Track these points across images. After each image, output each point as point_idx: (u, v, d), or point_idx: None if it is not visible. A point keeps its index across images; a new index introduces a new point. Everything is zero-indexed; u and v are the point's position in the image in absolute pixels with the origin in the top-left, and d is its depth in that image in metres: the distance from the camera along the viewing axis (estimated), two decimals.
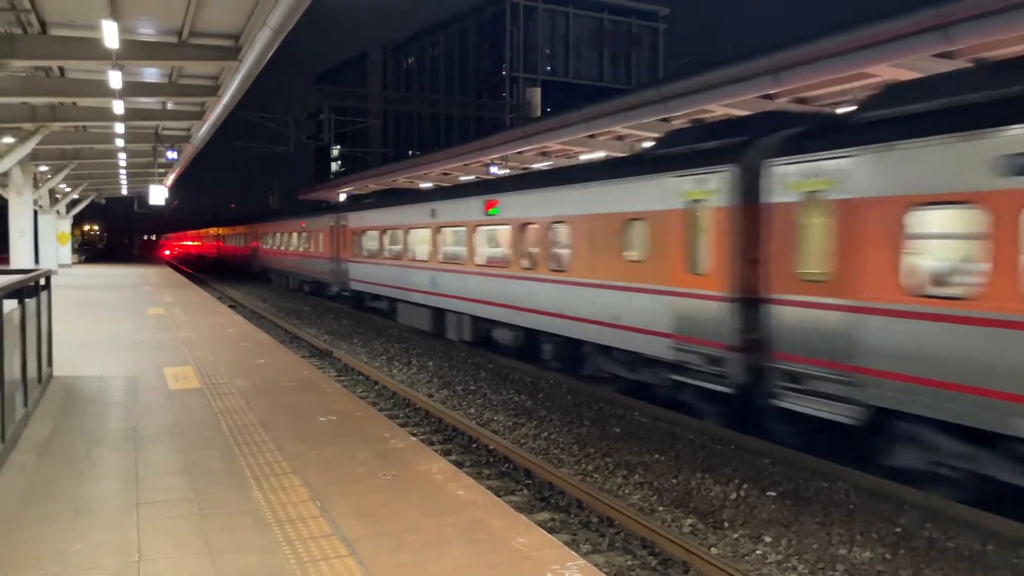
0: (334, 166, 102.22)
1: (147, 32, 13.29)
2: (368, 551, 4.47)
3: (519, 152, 25.88)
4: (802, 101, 16.68)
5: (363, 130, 77.07)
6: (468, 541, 4.65)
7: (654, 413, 11.64)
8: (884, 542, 6.99)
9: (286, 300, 31.66)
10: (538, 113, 44.17)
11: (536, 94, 47.32)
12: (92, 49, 12.45)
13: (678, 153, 10.88)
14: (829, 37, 13.11)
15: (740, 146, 9.77)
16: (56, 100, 18.52)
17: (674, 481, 8.79)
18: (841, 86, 15.51)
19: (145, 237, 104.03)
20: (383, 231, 22.27)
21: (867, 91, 14.34)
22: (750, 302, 9.43)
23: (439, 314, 18.63)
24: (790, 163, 8.77)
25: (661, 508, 8.00)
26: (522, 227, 14.78)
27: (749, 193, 9.39)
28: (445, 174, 35.64)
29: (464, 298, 17.05)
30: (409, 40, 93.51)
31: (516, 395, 13.30)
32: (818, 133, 8.81)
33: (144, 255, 78.22)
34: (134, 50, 12.83)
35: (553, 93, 61.69)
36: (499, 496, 7.09)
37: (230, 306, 26.32)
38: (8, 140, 21.00)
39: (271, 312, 26.65)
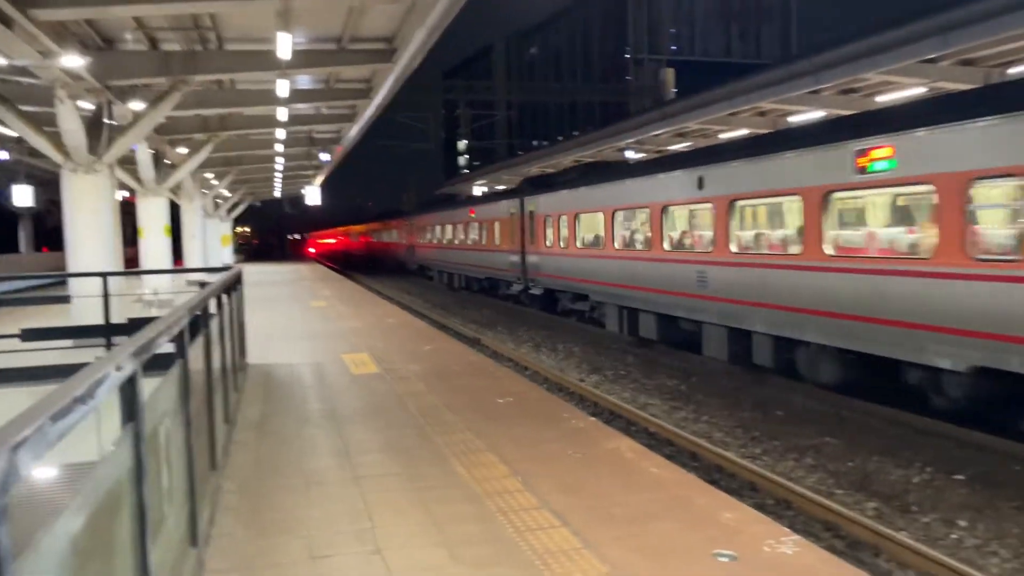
0: (461, 160, 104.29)
1: (309, 41, 14.14)
2: (580, 522, 4.70)
3: (655, 135, 25.57)
4: (969, 63, 15.60)
5: (490, 123, 78.31)
6: (676, 516, 4.79)
7: (820, 395, 11.34)
8: None
9: (430, 292, 32.82)
10: (671, 93, 43.39)
11: (670, 74, 46.59)
12: (264, 61, 13.39)
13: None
14: None
15: None
16: (226, 111, 19.98)
17: (850, 464, 8.56)
18: (1013, 44, 14.40)
19: (290, 236, 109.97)
20: None
21: None
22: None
23: None
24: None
25: (840, 491, 7.83)
26: None
27: None
28: (577, 162, 35.66)
29: None
30: (532, 29, 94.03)
31: (668, 380, 13.27)
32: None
33: (292, 253, 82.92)
34: (298, 59, 13.67)
35: (680, 72, 60.43)
36: None
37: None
38: (182, 150, 22.82)
39: (417, 303, 27.72)
